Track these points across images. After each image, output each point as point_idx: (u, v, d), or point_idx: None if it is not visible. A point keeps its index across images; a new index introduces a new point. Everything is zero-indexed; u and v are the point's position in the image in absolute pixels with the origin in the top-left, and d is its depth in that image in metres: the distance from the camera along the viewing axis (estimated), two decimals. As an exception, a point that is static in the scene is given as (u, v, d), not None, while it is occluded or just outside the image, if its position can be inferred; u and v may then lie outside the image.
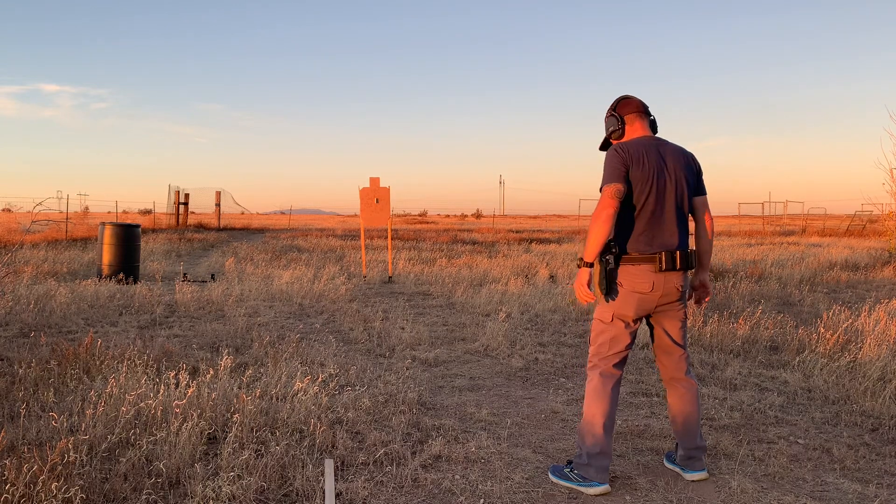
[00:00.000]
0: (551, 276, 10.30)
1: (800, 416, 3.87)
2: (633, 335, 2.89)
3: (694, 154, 2.99)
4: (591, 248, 2.74)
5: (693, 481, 2.95)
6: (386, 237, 17.05)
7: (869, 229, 25.76)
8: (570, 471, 2.89)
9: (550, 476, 2.95)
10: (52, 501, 2.39)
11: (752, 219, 43.33)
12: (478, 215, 69.28)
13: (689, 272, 2.93)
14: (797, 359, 4.98)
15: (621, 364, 2.91)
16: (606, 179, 2.76)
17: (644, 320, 3.01)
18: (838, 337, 5.13)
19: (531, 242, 20.18)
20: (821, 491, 2.88)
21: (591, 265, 2.78)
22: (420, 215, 68.75)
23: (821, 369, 4.68)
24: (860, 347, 4.93)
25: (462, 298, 8.12)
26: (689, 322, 5.95)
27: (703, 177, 3.03)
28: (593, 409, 2.84)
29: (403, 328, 6.24)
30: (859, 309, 6.41)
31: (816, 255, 14.84)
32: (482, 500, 2.73)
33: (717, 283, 9.46)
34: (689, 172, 2.91)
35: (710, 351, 5.40)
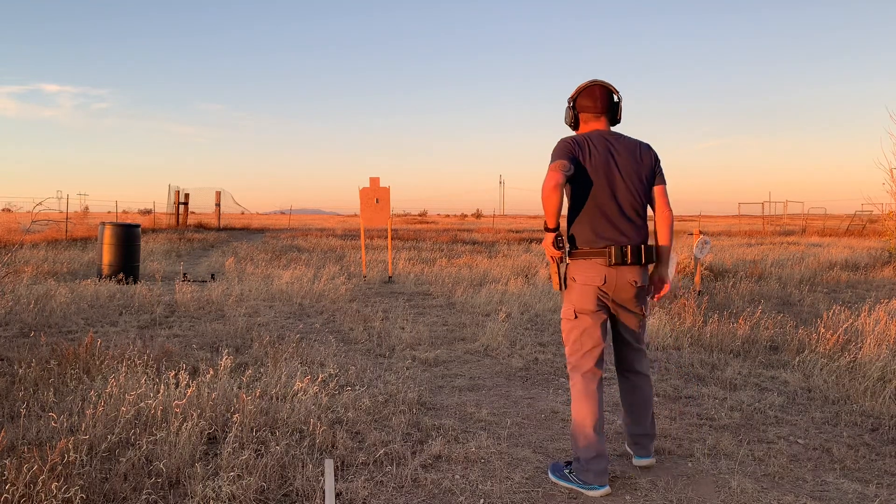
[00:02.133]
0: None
1: (800, 416, 3.87)
2: (604, 327, 2.88)
3: (650, 144, 2.97)
4: (549, 216, 2.73)
5: (640, 467, 3.06)
6: (386, 237, 17.05)
7: (869, 229, 25.75)
8: (570, 472, 2.88)
9: (550, 476, 2.94)
10: (52, 501, 2.39)
11: (752, 219, 43.32)
12: (478, 215, 69.23)
13: (648, 267, 2.91)
14: (797, 359, 4.98)
15: (601, 362, 2.89)
16: (553, 158, 2.77)
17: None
18: (838, 337, 5.13)
19: (531, 242, 20.18)
20: (821, 491, 2.88)
21: (554, 229, 2.77)
22: (420, 215, 68.72)
23: (821, 369, 4.68)
24: (860, 347, 4.93)
25: (462, 298, 8.12)
26: (689, 322, 5.97)
27: (662, 165, 2.98)
28: (581, 412, 2.84)
29: (403, 328, 6.24)
30: (859, 309, 6.41)
31: (816, 255, 14.84)
32: (482, 500, 2.73)
33: (717, 283, 9.46)
34: (641, 165, 2.89)
35: (710, 351, 5.40)
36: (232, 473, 2.75)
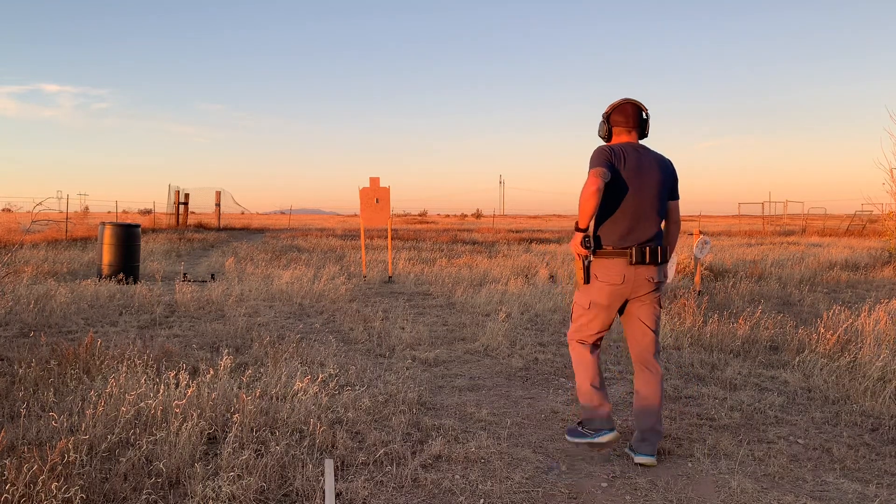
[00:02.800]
0: (551, 276, 10.30)
1: (800, 416, 3.87)
2: (609, 318, 3.23)
3: (672, 162, 3.28)
4: (583, 217, 2.98)
5: (641, 465, 3.11)
6: (386, 237, 17.05)
7: (869, 229, 25.76)
8: (583, 427, 3.24)
9: (567, 437, 3.32)
10: (52, 501, 2.39)
11: (752, 219, 43.28)
12: (478, 215, 69.21)
13: (663, 265, 3.20)
14: (797, 359, 4.98)
15: (597, 338, 3.28)
16: (592, 165, 3.05)
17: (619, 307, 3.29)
18: (838, 337, 5.13)
19: (531, 242, 20.19)
20: (821, 491, 2.88)
21: (584, 230, 3.03)
22: (420, 215, 68.69)
23: (821, 369, 4.68)
24: (860, 347, 4.93)
25: (462, 298, 8.12)
26: (689, 322, 5.97)
27: (680, 183, 3.34)
28: (580, 376, 3.26)
29: (403, 328, 6.24)
30: (859, 309, 6.41)
31: (816, 255, 14.84)
32: (482, 500, 2.73)
33: (717, 283, 9.46)
34: (666, 178, 3.19)
35: (710, 351, 5.40)
36: (232, 473, 2.75)
